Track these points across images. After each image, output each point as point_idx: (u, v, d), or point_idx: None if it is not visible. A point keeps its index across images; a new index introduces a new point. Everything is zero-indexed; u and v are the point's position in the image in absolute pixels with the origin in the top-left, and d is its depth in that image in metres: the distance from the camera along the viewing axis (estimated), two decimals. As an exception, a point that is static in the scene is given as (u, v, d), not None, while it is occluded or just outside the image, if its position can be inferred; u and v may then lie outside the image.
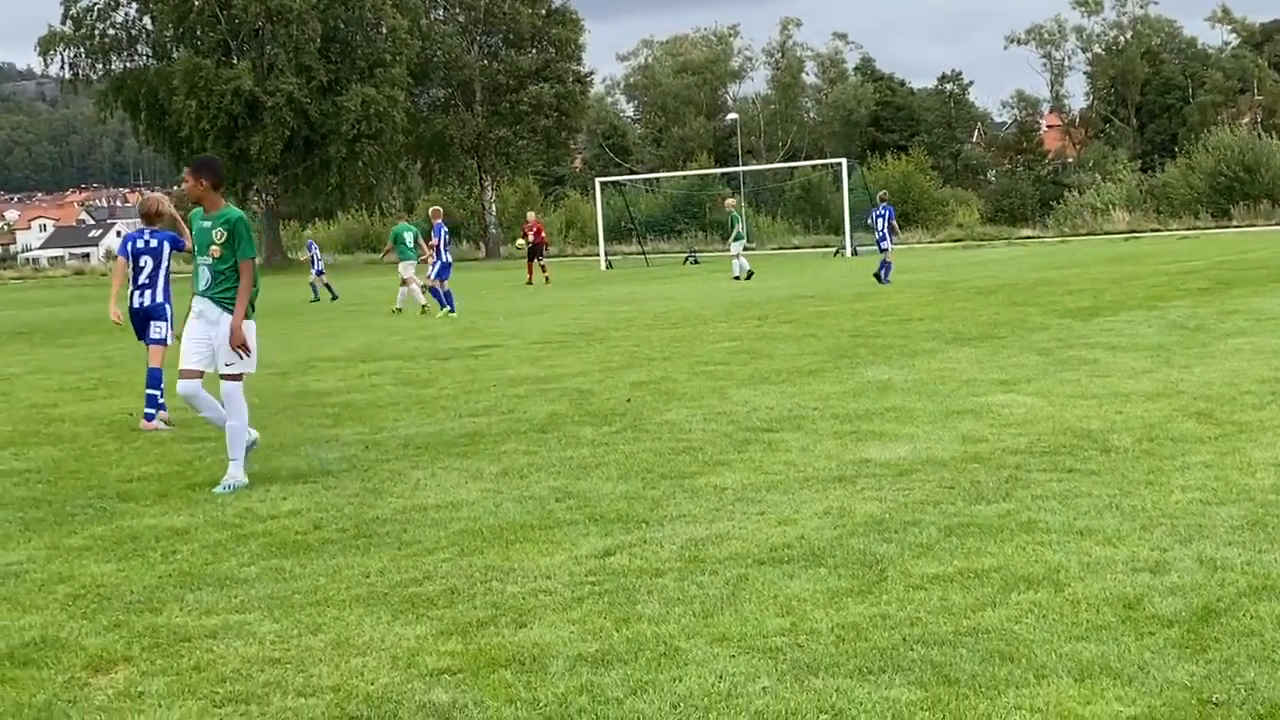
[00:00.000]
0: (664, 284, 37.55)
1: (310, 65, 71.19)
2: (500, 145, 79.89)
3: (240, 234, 9.52)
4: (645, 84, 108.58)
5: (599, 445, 10.39)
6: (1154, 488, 7.89)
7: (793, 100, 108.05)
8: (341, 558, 7.30)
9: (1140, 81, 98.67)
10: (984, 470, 8.65)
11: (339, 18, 74.06)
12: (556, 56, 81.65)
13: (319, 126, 71.64)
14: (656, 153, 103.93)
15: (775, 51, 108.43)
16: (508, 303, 31.27)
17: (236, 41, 72.61)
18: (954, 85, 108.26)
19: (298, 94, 69.98)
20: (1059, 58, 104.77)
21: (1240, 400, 10.83)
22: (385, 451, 10.67)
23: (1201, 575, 6.11)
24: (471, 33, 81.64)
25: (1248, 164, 64.03)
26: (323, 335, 23.83)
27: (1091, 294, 23.03)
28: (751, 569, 6.64)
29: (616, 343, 18.89)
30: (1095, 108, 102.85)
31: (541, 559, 7.05)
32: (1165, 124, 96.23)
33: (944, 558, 6.65)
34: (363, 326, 25.64)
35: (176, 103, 70.32)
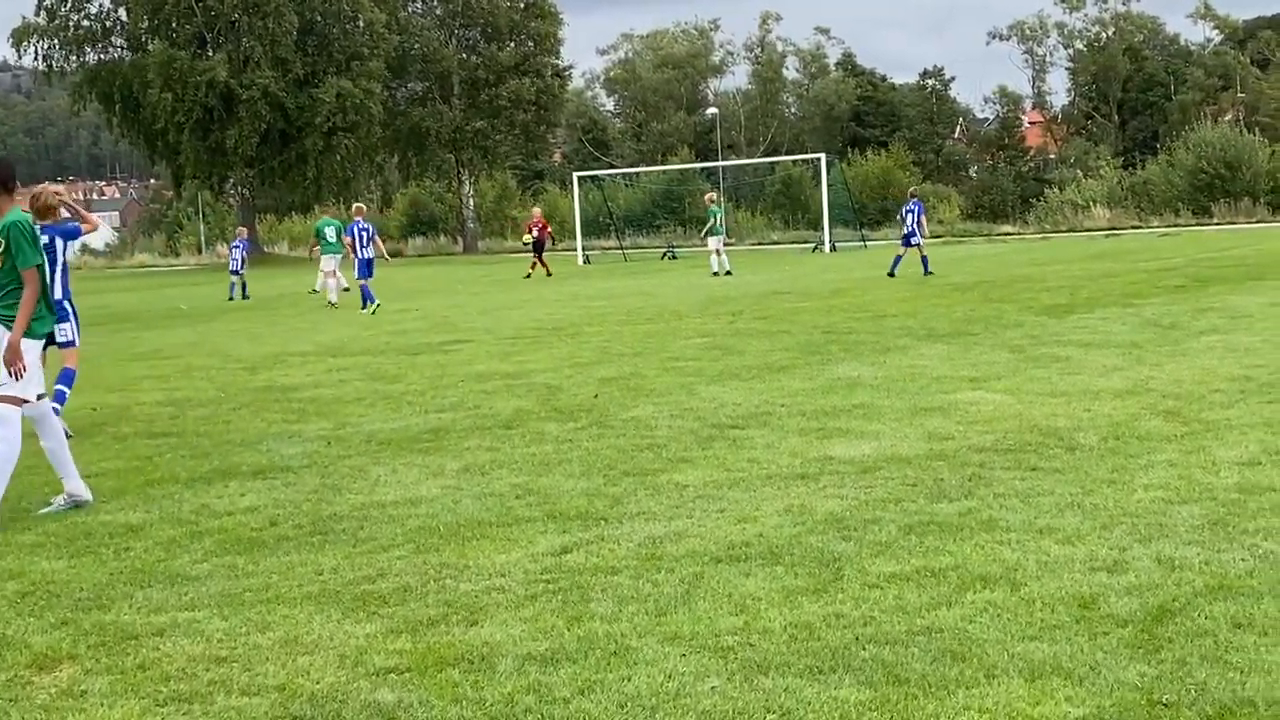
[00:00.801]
0: (641, 279, 37.53)
1: (286, 58, 70.96)
2: (478, 139, 79.74)
3: (16, 241, 8.37)
4: (625, 78, 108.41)
5: (563, 442, 10.36)
6: (1117, 486, 7.89)
7: (774, 95, 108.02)
8: (295, 555, 7.26)
9: (1122, 78, 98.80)
10: (948, 468, 8.64)
11: (316, 10, 73.76)
12: (535, 50, 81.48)
13: (295, 119, 71.40)
14: (636, 147, 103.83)
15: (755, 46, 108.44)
16: (483, 298, 31.21)
17: (212, 34, 72.31)
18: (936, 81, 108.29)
19: (273, 87, 69.72)
20: (1041, 54, 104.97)
21: (1209, 398, 10.84)
22: (347, 447, 10.63)
23: (1159, 575, 6.11)
24: (449, 26, 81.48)
25: (1229, 161, 64.16)
26: (295, 330, 23.76)
27: (1068, 291, 23.07)
28: (708, 567, 6.62)
29: (588, 338, 18.86)
30: (1077, 104, 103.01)
31: (497, 556, 7.02)
32: (1147, 121, 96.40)
33: (902, 556, 6.64)
34: (336, 321, 25.56)
35: (151, 95, 70.00)
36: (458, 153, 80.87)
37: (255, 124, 70.06)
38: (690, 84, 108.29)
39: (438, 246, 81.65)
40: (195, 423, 12.41)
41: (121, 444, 11.38)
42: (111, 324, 27.86)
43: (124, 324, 27.86)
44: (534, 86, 79.69)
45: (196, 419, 12.64)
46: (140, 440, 11.53)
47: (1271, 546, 6.47)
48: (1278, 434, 9.19)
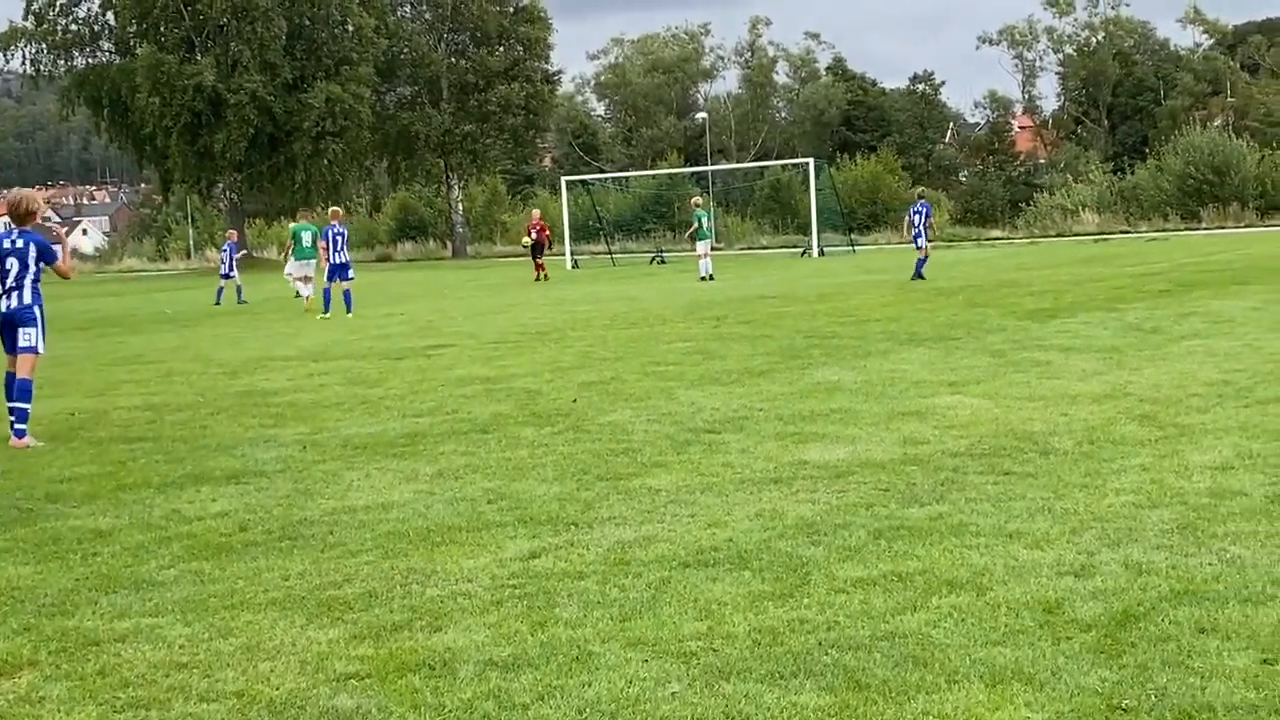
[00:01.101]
0: (628, 284, 37.52)
1: (275, 62, 70.91)
2: (467, 143, 79.73)
3: None
4: (616, 83, 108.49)
5: (538, 446, 10.34)
6: (1088, 490, 7.88)
7: (764, 100, 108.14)
8: (263, 560, 7.23)
9: (1112, 83, 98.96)
10: (921, 472, 8.63)
11: (305, 15, 73.74)
12: (524, 55, 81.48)
13: (283, 124, 71.34)
14: (627, 152, 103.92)
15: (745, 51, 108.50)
16: (469, 303, 31.18)
17: (200, 38, 72.22)
18: (926, 85, 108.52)
19: (262, 91, 69.66)
20: (1030, 58, 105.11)
21: (1185, 403, 10.85)
22: (323, 452, 10.60)
23: (1125, 579, 6.10)
24: (438, 30, 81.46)
25: (1217, 166, 64.27)
26: (279, 335, 23.72)
27: (1052, 295, 23.08)
28: (675, 572, 6.60)
29: (571, 343, 18.84)
30: (1067, 109, 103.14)
31: (465, 561, 7.01)
32: (1137, 125, 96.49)
33: (870, 561, 6.63)
34: (321, 325, 25.51)
35: (139, 99, 69.92)
36: (447, 157, 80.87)
37: (243, 128, 69.98)
38: (680, 88, 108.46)
39: (427, 251, 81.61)
40: (172, 427, 12.38)
41: (97, 448, 11.34)
42: (96, 329, 27.82)
43: (109, 329, 27.81)
44: (523, 91, 79.71)
45: (174, 423, 12.61)
46: (116, 445, 11.49)
47: (1239, 551, 6.46)
48: (1252, 438, 9.20)
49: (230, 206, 77.13)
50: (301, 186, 73.52)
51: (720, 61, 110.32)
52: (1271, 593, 5.81)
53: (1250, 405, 10.58)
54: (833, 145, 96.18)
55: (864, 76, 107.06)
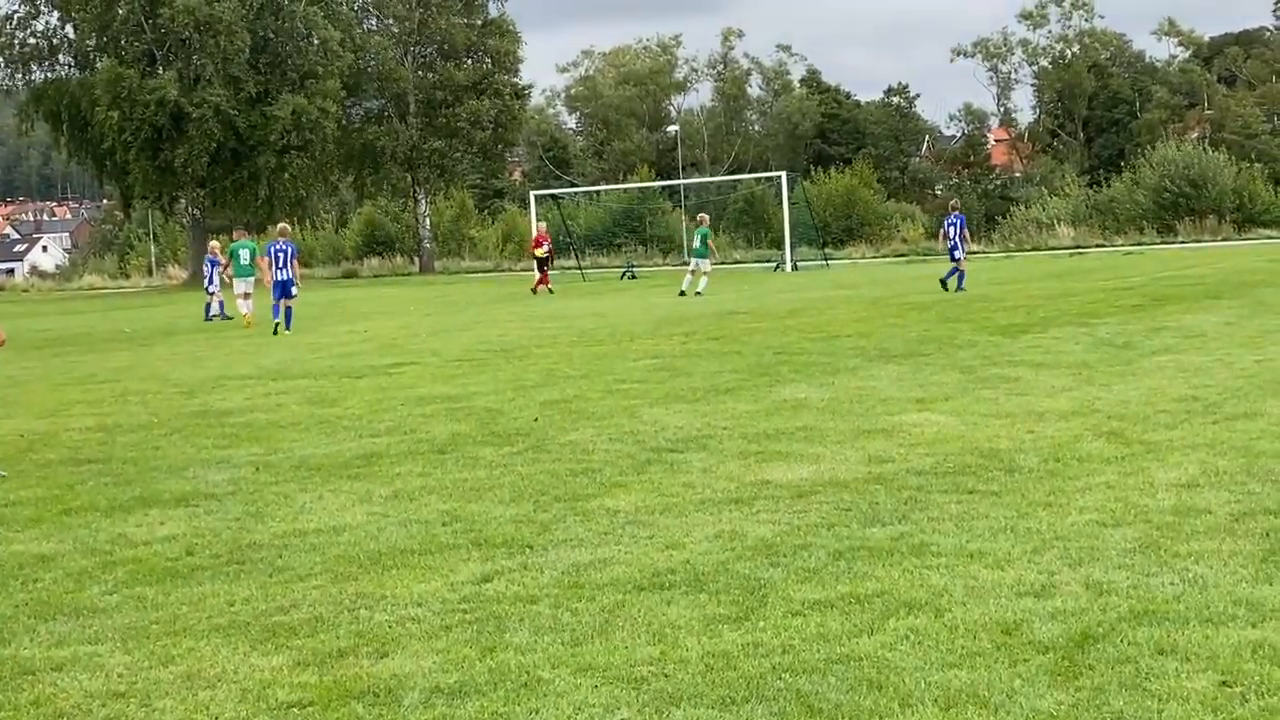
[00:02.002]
0: (597, 300, 37.49)
1: (239, 76, 70.66)
2: (435, 157, 79.62)
3: None
4: (586, 95, 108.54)
5: (497, 467, 10.31)
6: (1052, 509, 7.89)
7: (737, 113, 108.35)
8: (209, 585, 7.18)
9: (1087, 95, 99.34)
10: (885, 491, 8.63)
11: (269, 28, 73.50)
12: (493, 69, 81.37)
13: (247, 138, 71.05)
14: (598, 165, 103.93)
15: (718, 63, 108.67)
16: (434, 320, 31.11)
17: (162, 51, 71.95)
18: (900, 98, 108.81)
19: (225, 105, 69.41)
20: (1005, 71, 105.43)
21: (1153, 419, 10.87)
22: (276, 473, 10.54)
23: (1085, 599, 6.09)
24: (405, 44, 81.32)
25: (1193, 179, 64.58)
26: (238, 353, 23.61)
27: (1025, 310, 23.14)
28: (630, 595, 6.58)
29: (536, 360, 18.80)
30: (1042, 122, 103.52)
31: (416, 585, 6.97)
32: (1113, 138, 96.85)
33: (829, 582, 6.62)
34: (281, 344, 25.41)
35: (99, 114, 69.54)
36: (414, 171, 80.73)
37: (206, 143, 69.67)
38: (652, 101, 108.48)
39: (393, 267, 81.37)
40: (124, 449, 12.29)
41: (45, 471, 11.25)
42: (51, 348, 27.65)
43: (65, 348, 27.63)
44: (492, 106, 79.61)
45: (125, 445, 12.52)
46: (64, 467, 11.40)
47: (1201, 570, 6.47)
48: (1219, 455, 9.22)
49: (193, 222, 76.79)
50: (265, 201, 73.23)
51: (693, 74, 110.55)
52: (1233, 613, 5.81)
53: (1218, 421, 10.61)
54: (807, 158, 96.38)
55: (838, 89, 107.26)
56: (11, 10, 75.62)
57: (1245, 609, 5.85)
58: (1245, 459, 9.04)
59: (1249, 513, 7.56)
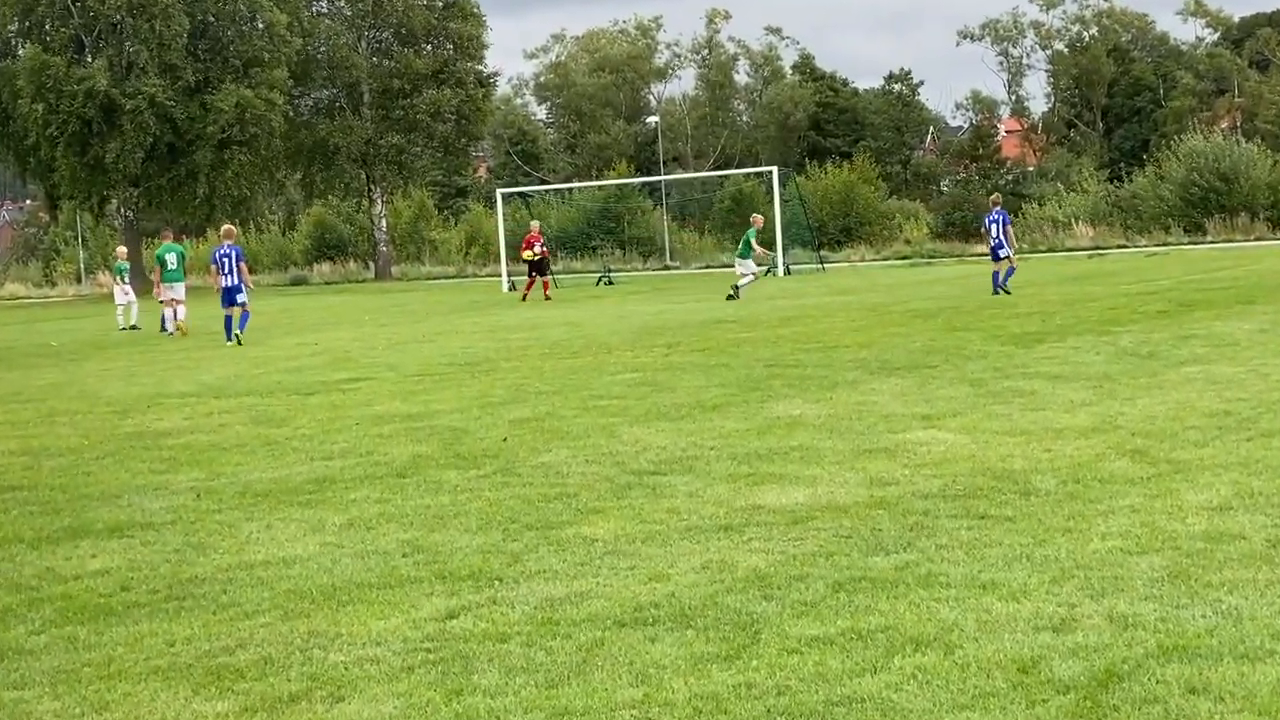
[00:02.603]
0: (570, 308, 37.52)
1: (176, 64, 70.49)
2: (392, 153, 79.54)
3: None
4: (557, 84, 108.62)
5: (462, 492, 10.32)
6: (1072, 535, 7.91)
7: (723, 102, 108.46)
8: (146, 624, 7.18)
9: (1107, 82, 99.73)
10: (888, 517, 8.65)
11: (209, 11, 73.40)
12: (455, 55, 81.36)
13: (185, 132, 70.87)
14: (570, 161, 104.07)
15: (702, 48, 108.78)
16: (392, 330, 31.09)
17: (91, 37, 71.80)
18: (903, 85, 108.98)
19: (161, 96, 69.23)
20: (1016, 55, 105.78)
21: (1181, 436, 10.92)
22: (219, 500, 10.54)
23: (1109, 634, 6.11)
24: (359, 28, 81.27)
25: (1224, 173, 64.79)
26: (177, 368, 23.58)
27: (1040, 317, 23.21)
28: (610, 632, 6.58)
29: (504, 374, 18.82)
30: (1057, 111, 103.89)
31: (375, 623, 6.97)
32: (1135, 129, 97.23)
33: (828, 617, 6.63)
34: (225, 358, 25.38)
35: (22, 106, 69.34)
36: (369, 169, 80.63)
37: (140, 137, 69.46)
38: (630, 90, 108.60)
39: (346, 273, 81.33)
40: (51, 475, 12.27)
41: (-36, 500, 11.22)
42: (-30, 363, 27.57)
43: (-15, 363, 27.57)
44: (455, 96, 79.57)
45: (53, 470, 12.50)
46: (-15, 496, 11.38)
47: (1236, 601, 6.49)
48: (1253, 475, 9.26)
49: (126, 224, 76.64)
50: (204, 201, 73.07)
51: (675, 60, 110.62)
52: (1270, 648, 5.83)
53: (1253, 438, 10.66)
54: (800, 151, 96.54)
55: (834, 76, 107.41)
56: (-76, -7, 75.44)
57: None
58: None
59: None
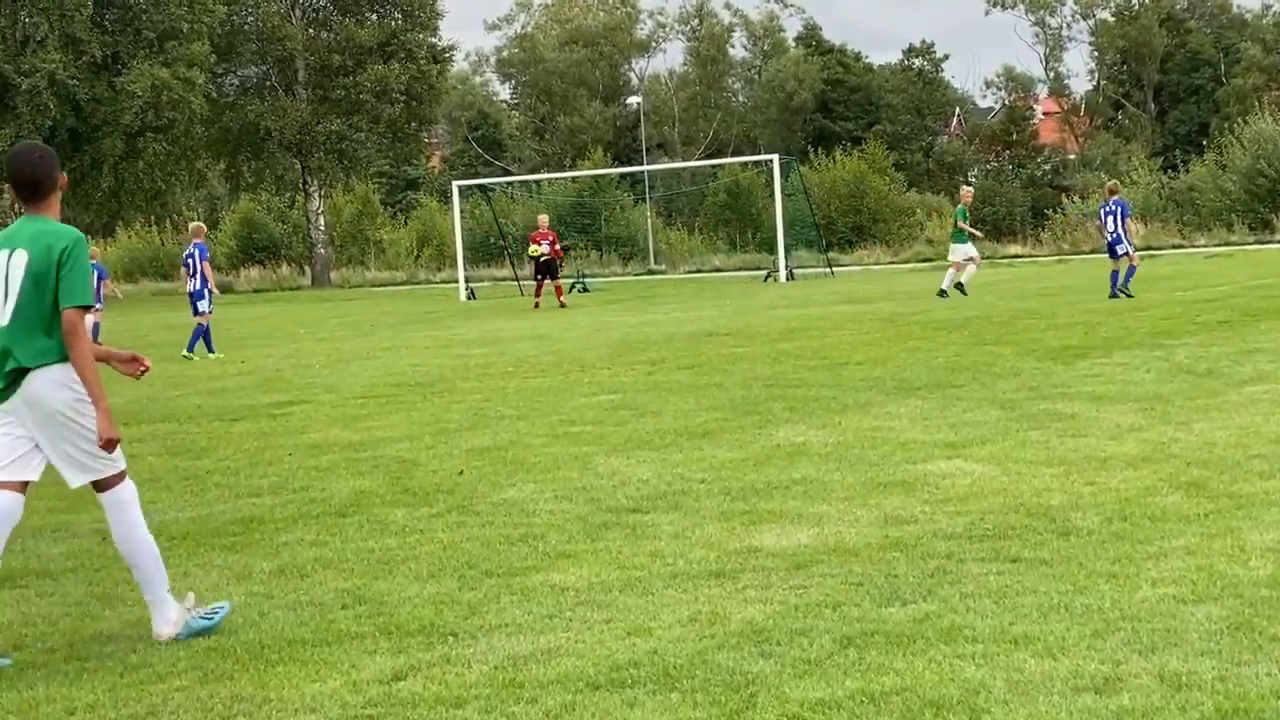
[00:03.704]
0: (539, 319, 37.61)
1: (80, 37, 70.57)
2: (332, 141, 79.63)
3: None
4: (524, 59, 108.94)
5: (411, 533, 10.34)
6: (1117, 581, 7.94)
7: (716, 80, 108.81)
8: (43, 688, 7.17)
9: (1159, 57, 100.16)
10: (905, 561, 8.67)
11: (120, -25, 73.64)
12: (405, 26, 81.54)
13: (90, 116, 70.89)
14: (539, 148, 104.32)
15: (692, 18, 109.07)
16: (330, 345, 31.14)
17: (-19, 5, 71.95)
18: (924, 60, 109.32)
19: (62, 74, 69.22)
20: (1055, 26, 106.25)
21: (1245, 466, 10.96)
22: (129, 544, 10.53)
23: (1160, 696, 6.13)
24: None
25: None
26: (80, 390, 23.55)
27: (1083, 329, 23.32)
28: (582, 695, 6.59)
29: (461, 396, 18.86)
30: (1103, 90, 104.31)
31: (308, 686, 6.97)
32: (1192, 110, 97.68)
33: (835, 677, 6.64)
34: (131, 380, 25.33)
35: (-100, 85, 69.53)
36: (304, 158, 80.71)
37: (37, 120, 69.43)
38: (608, 66, 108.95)
39: (279, 279, 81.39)
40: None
41: None
42: None
43: None
44: (404, 73, 79.67)
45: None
46: None
47: (1306, 657, 6.52)
48: (1327, 511, 9.30)
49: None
50: (111, 195, 73.13)
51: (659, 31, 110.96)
52: (1345, 710, 5.86)
53: (1328, 468, 10.71)
54: (805, 137, 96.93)
55: (844, 49, 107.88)
56: None
57: (1361, 706, 5.91)
58: (1360, 516, 9.13)
59: (1366, 584, 7.63)
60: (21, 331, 7.74)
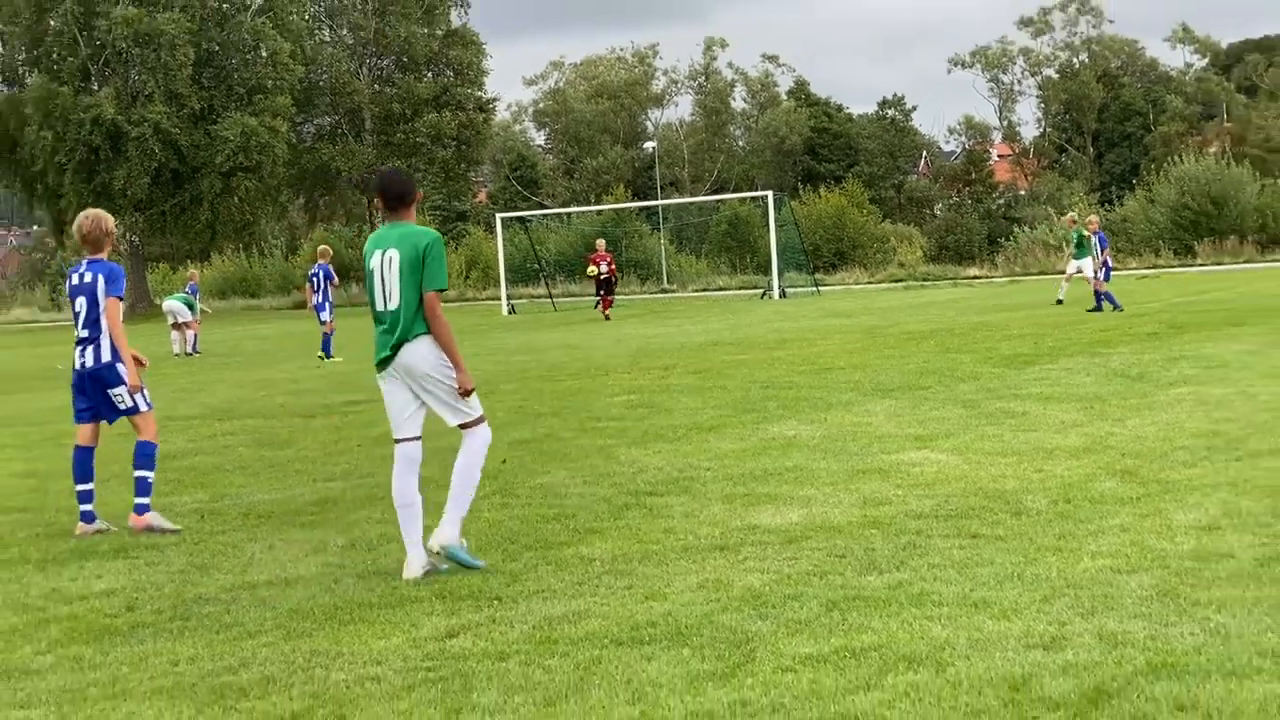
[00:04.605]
0: (569, 331, 37.54)
1: (181, 92, 70.67)
2: (394, 179, 79.71)
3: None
4: (556, 110, 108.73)
5: (462, 513, 10.31)
6: (1062, 554, 7.91)
7: (720, 127, 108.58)
8: (151, 643, 7.18)
9: (1097, 107, 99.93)
10: (881, 536, 8.65)
11: (214, 40, 73.62)
12: (456, 81, 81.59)
13: (190, 159, 71.04)
14: (569, 185, 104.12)
15: (700, 75, 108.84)
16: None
17: (98, 66, 71.91)
18: (896, 111, 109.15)
19: (166, 123, 69.41)
20: (1007, 81, 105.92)
21: (1171, 456, 10.93)
22: (223, 521, 10.55)
23: (1099, 652, 6.11)
24: (361, 55, 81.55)
25: (1214, 196, 64.79)
26: (182, 391, 23.58)
27: (1032, 339, 23.23)
28: (607, 650, 6.58)
29: (503, 397, 18.81)
30: (1048, 136, 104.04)
31: (376, 642, 6.97)
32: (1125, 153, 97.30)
33: (821, 635, 6.63)
34: (229, 381, 25.40)
35: (30, 134, 69.56)
36: (370, 194, 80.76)
37: (145, 164, 69.61)
38: (628, 116, 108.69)
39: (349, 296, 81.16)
40: (57, 496, 12.27)
41: (-29, 522, 11.24)
42: (-22, 387, 27.58)
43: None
44: (454, 121, 79.74)
45: (59, 492, 12.48)
46: (-9, 518, 11.39)
47: (1224, 620, 6.49)
48: (1241, 494, 9.26)
49: (131, 250, 76.73)
50: (208, 227, 73.26)
51: (672, 86, 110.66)
52: (1257, 665, 5.83)
53: (1241, 459, 10.66)
54: (795, 176, 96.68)
55: (828, 101, 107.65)
56: (-66, 23, 75.66)
57: (1272, 661, 5.87)
58: (1271, 499, 9.08)
59: (1275, 557, 7.59)
60: (401, 312, 8.61)
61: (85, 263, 10.82)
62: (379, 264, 8.76)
